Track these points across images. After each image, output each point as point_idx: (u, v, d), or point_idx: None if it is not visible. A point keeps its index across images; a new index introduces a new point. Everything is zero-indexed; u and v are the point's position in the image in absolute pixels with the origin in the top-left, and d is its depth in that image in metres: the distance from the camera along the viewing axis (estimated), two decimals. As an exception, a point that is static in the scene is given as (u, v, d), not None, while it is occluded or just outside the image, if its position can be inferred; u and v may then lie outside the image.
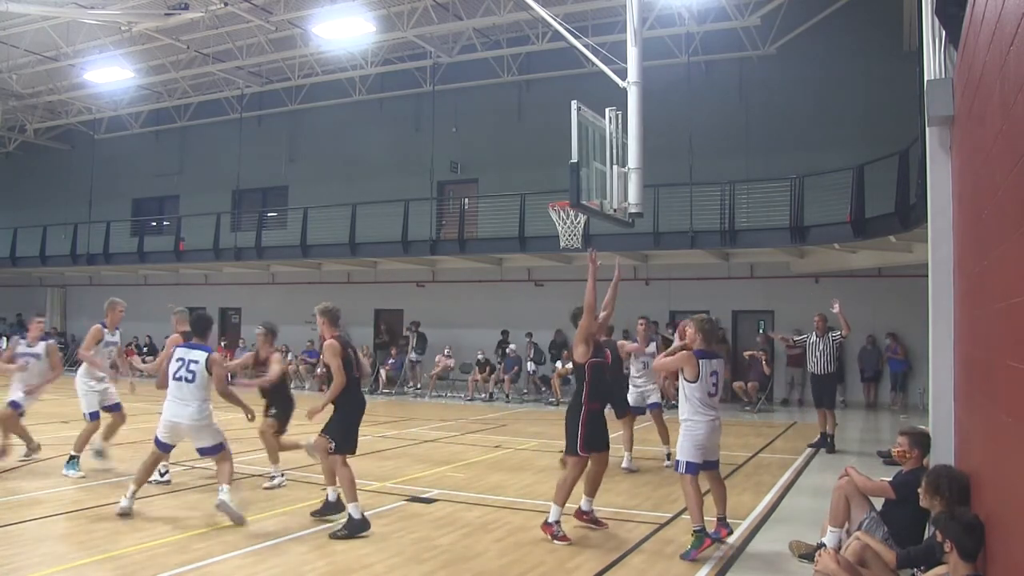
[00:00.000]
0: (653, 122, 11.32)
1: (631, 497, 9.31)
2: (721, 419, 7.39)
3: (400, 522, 7.86)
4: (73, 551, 6.73)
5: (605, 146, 10.52)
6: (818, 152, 20.22)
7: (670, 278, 22.99)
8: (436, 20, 21.59)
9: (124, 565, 6.30)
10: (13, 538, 7.14)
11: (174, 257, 28.98)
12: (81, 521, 7.78)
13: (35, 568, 6.22)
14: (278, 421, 9.71)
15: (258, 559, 6.59)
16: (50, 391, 11.83)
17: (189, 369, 8.06)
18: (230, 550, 6.77)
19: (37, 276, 34.49)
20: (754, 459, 12.22)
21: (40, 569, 6.19)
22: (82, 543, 6.96)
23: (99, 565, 6.32)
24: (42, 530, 7.49)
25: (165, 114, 30.80)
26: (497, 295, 24.19)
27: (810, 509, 8.73)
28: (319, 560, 6.63)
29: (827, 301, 13.57)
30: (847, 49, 20.70)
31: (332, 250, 25.43)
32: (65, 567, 6.27)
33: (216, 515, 7.81)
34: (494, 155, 25.33)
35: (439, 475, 10.52)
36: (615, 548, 7.12)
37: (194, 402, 8.00)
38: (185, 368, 8.08)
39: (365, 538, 7.28)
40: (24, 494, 8.96)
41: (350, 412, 7.91)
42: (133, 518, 7.75)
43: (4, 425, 10.47)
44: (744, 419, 18.35)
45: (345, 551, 6.91)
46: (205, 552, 6.70)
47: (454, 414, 18.17)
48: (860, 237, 17.38)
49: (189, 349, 8.22)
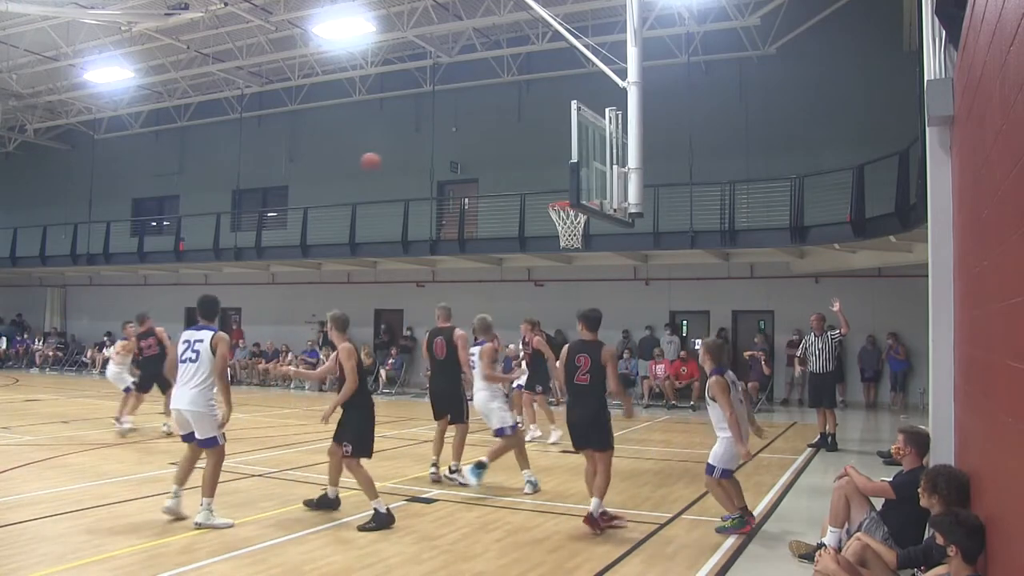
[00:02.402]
0: (653, 122, 11.33)
1: (630, 497, 9.30)
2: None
3: (400, 522, 7.85)
4: (73, 551, 6.72)
5: (605, 146, 10.54)
6: (818, 152, 20.25)
7: (670, 278, 23.00)
8: (436, 20, 21.60)
9: (124, 565, 6.30)
10: (12, 538, 7.14)
11: (174, 257, 28.96)
12: (82, 521, 7.77)
13: (34, 568, 6.22)
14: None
15: (259, 559, 6.59)
16: (51, 391, 11.78)
17: (194, 349, 7.77)
18: (231, 550, 6.77)
19: (37, 276, 34.49)
20: (754, 459, 12.20)
21: (39, 569, 6.19)
22: (82, 543, 6.95)
23: (99, 565, 6.31)
24: (42, 530, 7.48)
25: (165, 114, 30.79)
26: (497, 295, 24.18)
27: (810, 509, 8.75)
28: (320, 560, 6.62)
29: (827, 301, 13.60)
30: (847, 49, 20.71)
31: (332, 250, 25.43)
32: (65, 567, 6.27)
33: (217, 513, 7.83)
34: (494, 155, 25.33)
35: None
36: (615, 548, 7.12)
37: (195, 385, 7.68)
38: (190, 349, 7.80)
39: (373, 537, 7.35)
40: (24, 494, 8.96)
41: (365, 416, 8.03)
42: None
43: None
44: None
45: (345, 551, 6.92)
46: (207, 552, 6.70)
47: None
48: (860, 237, 17.38)
49: (195, 331, 7.93)
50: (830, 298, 13.36)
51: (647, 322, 22.61)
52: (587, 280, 23.54)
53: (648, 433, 15.66)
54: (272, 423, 15.84)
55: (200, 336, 7.83)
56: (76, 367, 30.90)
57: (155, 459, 11.06)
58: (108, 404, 18.64)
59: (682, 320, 23.51)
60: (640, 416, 17.94)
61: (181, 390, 7.79)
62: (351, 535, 7.45)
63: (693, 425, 17.14)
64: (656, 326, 22.69)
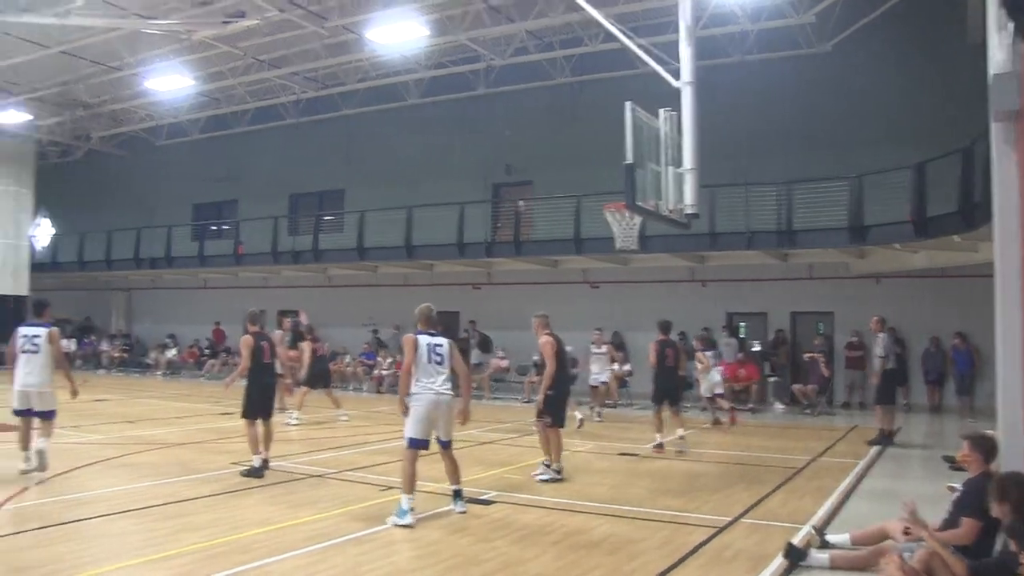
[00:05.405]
0: (708, 121, 11.23)
1: (689, 500, 9.22)
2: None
3: (458, 523, 7.88)
4: (136, 548, 6.88)
5: (660, 147, 10.49)
6: (877, 150, 19.78)
7: (727, 279, 22.75)
8: (489, 23, 21.64)
9: (185, 563, 6.41)
10: (81, 533, 7.35)
11: (233, 261, 29.48)
12: (145, 519, 7.94)
13: (101, 563, 6.37)
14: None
15: (317, 559, 6.66)
16: (117, 391, 12.15)
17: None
18: (289, 550, 6.85)
19: (103, 280, 35.35)
20: (814, 463, 12.02)
21: (100, 566, 6.33)
22: (145, 541, 7.11)
23: (160, 563, 6.43)
24: (107, 526, 7.66)
25: (223, 120, 31.32)
26: (552, 297, 24.14)
27: (873, 514, 8.56)
28: (377, 560, 6.67)
29: (888, 302, 13.42)
30: (907, 44, 20.27)
31: (388, 253, 25.64)
32: (128, 563, 6.41)
33: (276, 514, 7.95)
34: (548, 157, 25.28)
35: (497, 477, 10.55)
36: (672, 553, 7.05)
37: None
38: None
39: (432, 538, 7.39)
40: (91, 491, 9.20)
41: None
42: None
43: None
44: (803, 422, 18.10)
45: (403, 551, 6.96)
46: (265, 551, 6.79)
47: (511, 416, 18.16)
48: (922, 237, 17.02)
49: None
50: (891, 299, 13.23)
51: (704, 324, 22.37)
52: (643, 282, 23.39)
53: (706, 436, 15.51)
54: (332, 423, 15.99)
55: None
56: (140, 368, 31.57)
57: (217, 459, 11.24)
58: (172, 405, 19.09)
59: (739, 322, 23.24)
60: (696, 419, 17.78)
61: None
62: (411, 534, 7.48)
63: (751, 428, 16.92)
64: (713, 328, 22.46)
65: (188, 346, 30.83)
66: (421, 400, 8.18)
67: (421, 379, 8.20)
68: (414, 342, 8.24)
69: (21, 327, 10.20)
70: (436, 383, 8.23)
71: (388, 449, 11.99)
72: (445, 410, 8.34)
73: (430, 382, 8.20)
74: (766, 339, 22.40)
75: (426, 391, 8.18)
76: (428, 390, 8.19)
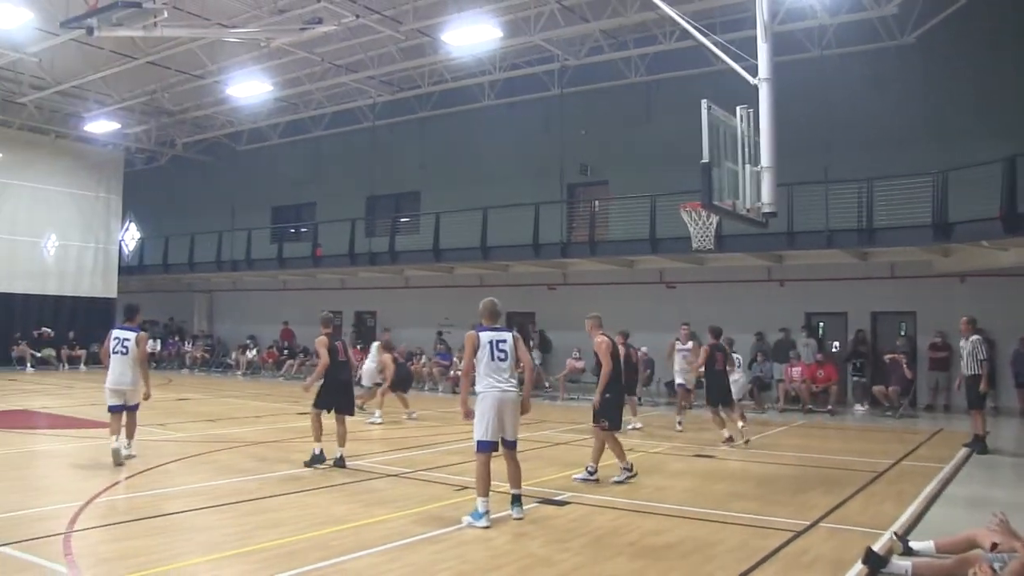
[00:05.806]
0: (785, 119, 11.06)
1: (766, 503, 9.08)
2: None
3: (532, 524, 7.90)
4: (219, 542, 7.06)
5: (736, 145, 10.36)
6: (963, 144, 19.16)
7: (806, 279, 22.31)
8: (563, 23, 21.62)
9: (266, 558, 6.55)
10: (169, 527, 7.60)
11: (311, 263, 30.04)
12: (228, 514, 8.16)
13: (187, 556, 6.57)
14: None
15: (392, 557, 6.74)
16: (200, 391, 12.58)
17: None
18: (365, 548, 6.94)
19: (186, 282, 36.39)
20: (896, 467, 11.72)
21: (186, 559, 6.52)
22: (228, 536, 7.28)
23: (243, 557, 6.58)
24: (193, 521, 7.87)
25: (301, 125, 31.93)
26: (628, 297, 24.01)
27: (959, 521, 8.30)
28: (451, 560, 6.72)
29: (974, 301, 13.03)
30: (995, 33, 19.59)
31: (464, 254, 25.83)
32: (213, 557, 6.58)
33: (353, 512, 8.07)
34: (623, 156, 25.16)
35: (570, 478, 10.51)
36: (749, 556, 6.95)
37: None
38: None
39: (506, 538, 7.42)
40: (178, 487, 9.51)
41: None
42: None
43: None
44: (885, 425, 17.67)
45: (477, 551, 7.00)
46: (342, 548, 6.89)
47: (586, 417, 18.07)
48: (1012, 234, 16.43)
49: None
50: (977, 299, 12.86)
51: (781, 324, 22.01)
52: (720, 281, 23.09)
53: (783, 438, 15.25)
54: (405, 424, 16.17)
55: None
56: (221, 368, 32.35)
57: (295, 457, 11.45)
58: (251, 404, 19.53)
59: (818, 322, 22.78)
60: (775, 421, 17.46)
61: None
62: (484, 535, 7.51)
63: (830, 430, 16.59)
64: (791, 328, 22.06)
65: (268, 347, 31.48)
66: (487, 399, 7.90)
67: (485, 377, 7.95)
68: (474, 339, 7.99)
69: (114, 329, 11.28)
70: (501, 380, 7.94)
71: (462, 449, 12.05)
72: (512, 408, 8.00)
73: (495, 379, 7.93)
74: (846, 339, 21.92)
75: (491, 389, 7.90)
76: (493, 388, 7.90)
